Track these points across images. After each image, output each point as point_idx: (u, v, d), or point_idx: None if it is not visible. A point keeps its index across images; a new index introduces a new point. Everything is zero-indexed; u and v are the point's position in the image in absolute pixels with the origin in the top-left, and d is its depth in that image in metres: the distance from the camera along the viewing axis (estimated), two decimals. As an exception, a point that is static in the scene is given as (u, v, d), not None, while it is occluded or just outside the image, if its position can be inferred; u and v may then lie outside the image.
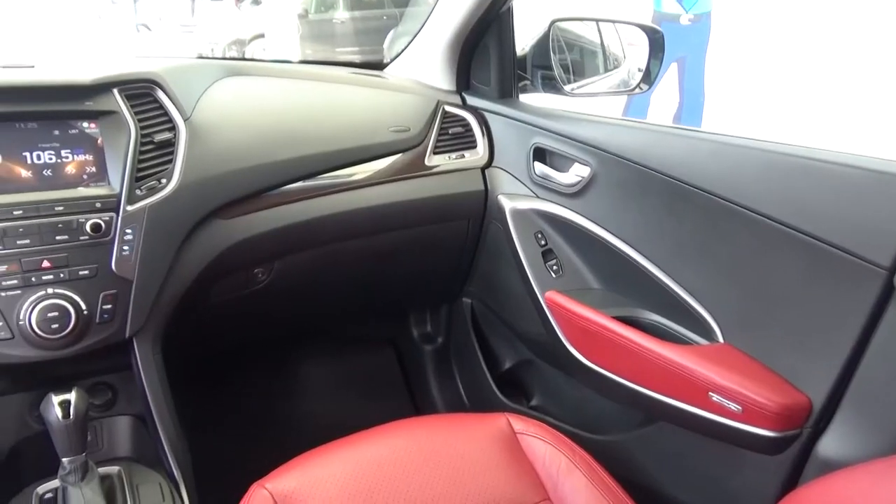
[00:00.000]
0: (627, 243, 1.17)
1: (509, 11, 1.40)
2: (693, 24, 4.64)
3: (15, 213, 0.94)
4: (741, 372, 0.95)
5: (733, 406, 0.94)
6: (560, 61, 1.47)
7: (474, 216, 1.46)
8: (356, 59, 8.07)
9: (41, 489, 0.95)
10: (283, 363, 1.79)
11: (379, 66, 1.68)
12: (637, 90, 1.53)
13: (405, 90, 1.47)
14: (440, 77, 1.50)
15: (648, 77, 1.48)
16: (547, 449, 1.04)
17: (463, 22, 1.38)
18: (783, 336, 0.95)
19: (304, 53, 7.81)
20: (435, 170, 1.39)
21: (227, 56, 9.18)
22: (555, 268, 1.32)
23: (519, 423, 1.08)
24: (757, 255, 0.97)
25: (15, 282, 0.93)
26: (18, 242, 0.94)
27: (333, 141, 1.27)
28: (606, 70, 1.68)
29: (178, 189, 1.05)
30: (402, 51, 1.59)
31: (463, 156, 1.43)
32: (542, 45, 1.42)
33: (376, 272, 1.49)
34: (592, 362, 1.19)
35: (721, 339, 1.03)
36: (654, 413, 1.15)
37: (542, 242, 1.33)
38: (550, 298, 1.26)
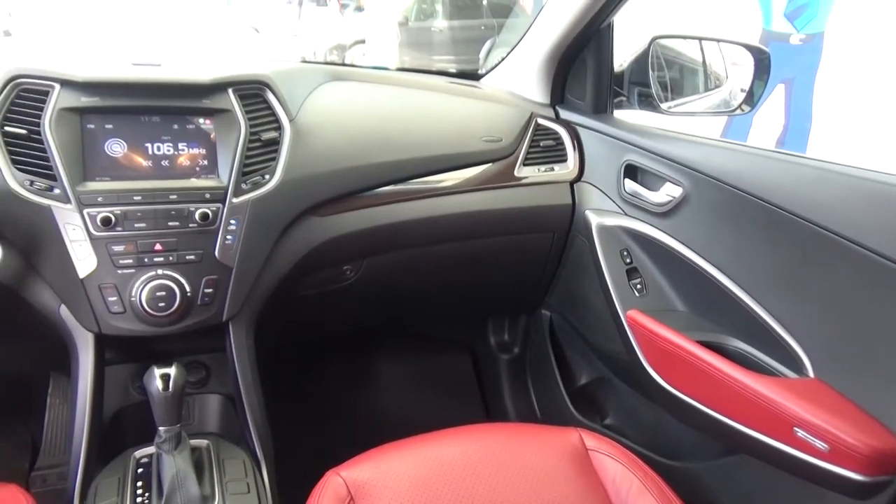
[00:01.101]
0: (717, 267, 1.14)
1: (610, 27, 1.40)
2: (804, 44, 4.42)
3: (135, 198, 1.03)
4: (831, 409, 0.91)
5: (820, 444, 0.90)
6: (658, 78, 1.46)
7: (560, 229, 1.46)
8: (452, 67, 8.19)
9: (138, 454, 1.03)
10: (362, 357, 1.85)
11: (474, 76, 1.71)
12: (738, 111, 1.48)
13: (499, 101, 1.49)
14: (535, 89, 1.52)
15: (751, 98, 1.43)
16: (618, 468, 1.03)
17: (562, 36, 1.39)
18: (880, 376, 0.90)
19: (401, 60, 7.99)
20: (524, 181, 1.40)
21: (329, 60, 9.53)
22: (639, 287, 1.30)
23: (591, 440, 1.07)
24: (857, 290, 0.93)
25: (130, 261, 1.02)
26: (136, 226, 1.02)
27: (427, 147, 1.31)
28: (707, 89, 1.64)
29: (279, 185, 1.11)
30: (499, 62, 1.61)
31: (552, 169, 1.43)
32: (641, 62, 1.41)
33: (459, 277, 1.51)
34: (672, 385, 1.17)
35: (811, 374, 0.99)
36: (733, 443, 1.11)
37: (628, 260, 1.32)
38: (632, 317, 1.24)
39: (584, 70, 1.45)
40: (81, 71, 1.02)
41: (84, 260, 1.00)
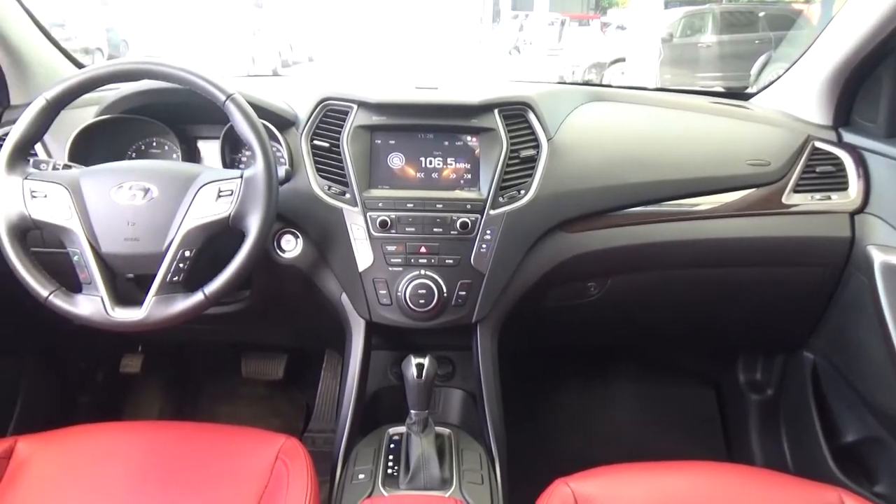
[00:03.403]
0: None
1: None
2: None
3: (408, 205, 1.16)
4: None
5: None
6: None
7: (832, 264, 1.31)
8: (719, 85, 7.71)
9: (391, 431, 1.16)
10: (599, 376, 1.84)
11: (743, 95, 1.61)
12: None
13: (769, 122, 1.39)
14: (814, 110, 1.38)
15: None
16: None
17: (855, 49, 1.25)
18: None
19: (662, 78, 7.74)
20: (793, 209, 1.29)
21: (587, 78, 9.59)
22: None
23: None
24: None
25: (399, 260, 1.16)
26: (406, 229, 1.16)
27: (684, 169, 1.27)
28: None
29: (533, 200, 1.17)
30: (775, 80, 1.50)
31: (829, 197, 1.29)
32: None
33: (710, 306, 1.44)
34: None
35: None
36: None
37: None
38: None
39: (879, 88, 1.28)
40: (374, 94, 1.19)
41: (363, 256, 1.15)
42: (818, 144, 1.33)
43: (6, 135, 1.01)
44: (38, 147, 1.19)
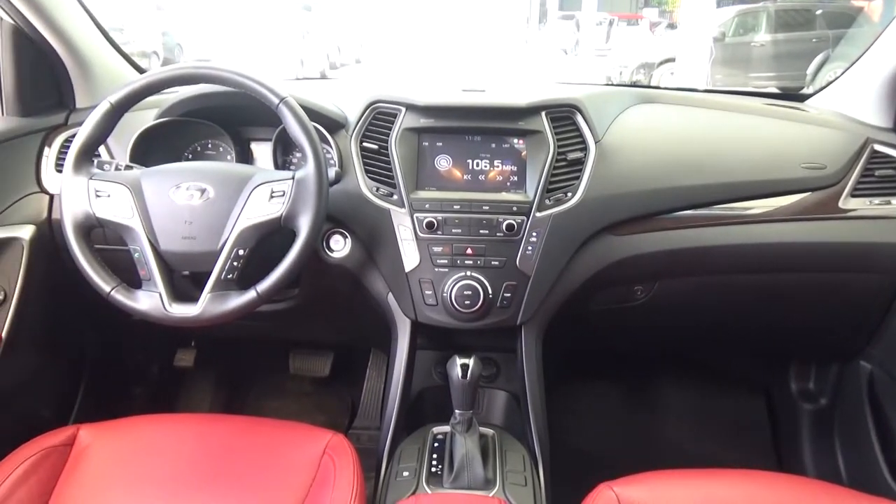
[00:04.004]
0: None
1: None
2: None
3: (454, 207, 1.17)
4: None
5: None
6: None
7: (892, 271, 1.27)
8: (772, 85, 7.50)
9: (436, 430, 1.17)
10: (644, 380, 1.82)
11: (798, 96, 1.57)
12: None
13: (826, 124, 1.35)
14: (874, 111, 1.34)
15: None
16: None
17: None
18: None
19: (713, 78, 7.58)
20: (850, 214, 1.25)
21: (635, 79, 9.45)
22: None
23: None
24: None
25: (445, 261, 1.17)
26: (453, 231, 1.17)
27: (735, 172, 1.25)
28: None
29: (580, 203, 1.17)
30: (833, 80, 1.46)
31: (889, 202, 1.25)
32: None
33: (762, 312, 1.40)
34: None
35: None
36: None
37: None
38: None
39: None
40: (423, 97, 1.20)
41: (410, 257, 1.17)
42: (878, 147, 1.28)
43: (73, 137, 1.06)
44: (101, 148, 1.25)
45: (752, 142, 1.32)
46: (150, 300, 1.01)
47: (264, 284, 1.01)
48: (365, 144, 1.21)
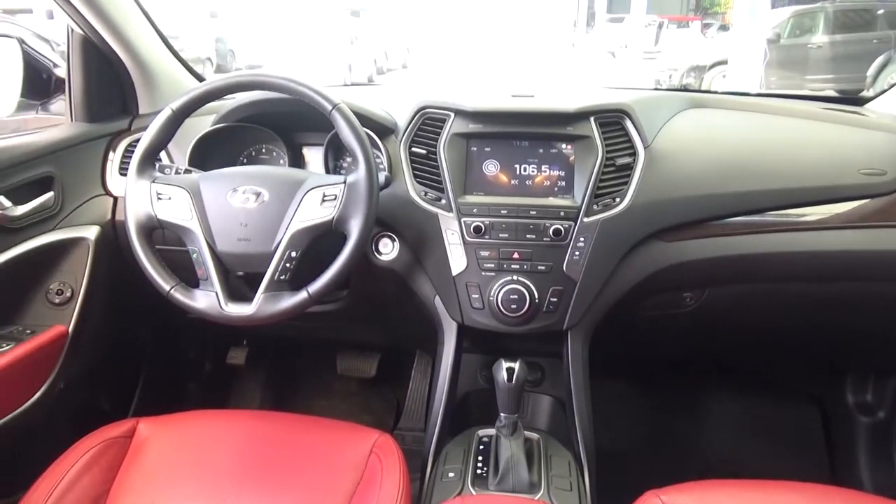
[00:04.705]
0: None
1: None
2: None
3: (502, 211, 1.18)
4: None
5: None
6: None
7: None
8: (830, 88, 7.27)
9: (481, 433, 1.17)
10: (693, 388, 1.79)
11: (858, 100, 1.53)
12: None
13: (887, 129, 1.31)
14: None
15: None
16: None
17: None
18: None
19: (768, 81, 7.37)
20: None
21: (685, 83, 9.28)
22: None
23: None
24: None
25: (492, 265, 1.18)
26: (500, 235, 1.18)
27: (789, 178, 1.22)
28: None
29: (628, 208, 1.16)
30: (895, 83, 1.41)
31: None
32: None
33: (818, 322, 1.37)
34: None
35: None
36: None
37: None
38: None
39: None
40: (471, 102, 1.21)
41: (457, 260, 1.18)
42: None
43: (137, 142, 1.11)
44: (162, 152, 1.30)
45: (807, 147, 1.29)
46: (207, 299, 1.04)
47: (316, 285, 1.04)
48: (414, 149, 1.23)
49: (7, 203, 1.19)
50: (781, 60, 8.04)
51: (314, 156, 1.36)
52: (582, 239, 1.16)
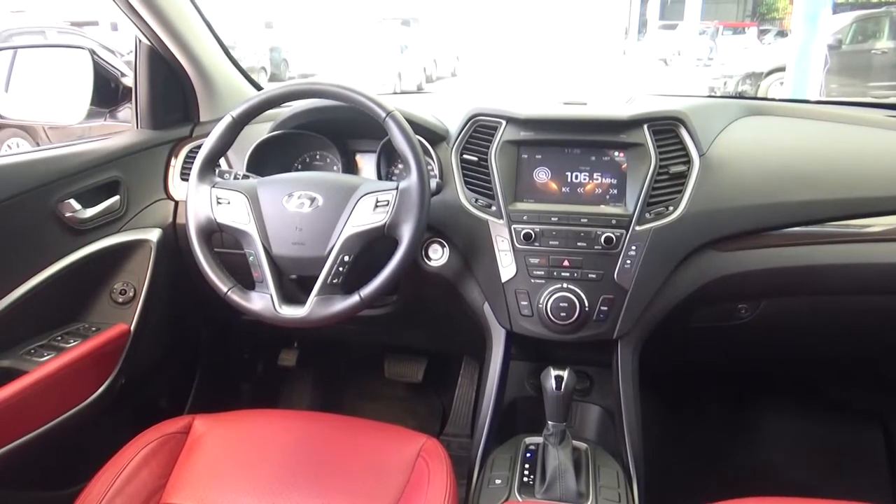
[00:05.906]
0: None
1: None
2: None
3: (552, 219, 1.18)
4: None
5: None
6: None
7: None
8: (895, 95, 6.98)
9: (528, 440, 1.17)
10: (747, 403, 1.74)
11: (928, 107, 1.46)
12: None
13: None
14: None
15: None
16: None
17: None
18: None
19: (828, 88, 7.13)
20: None
21: (741, 90, 9.06)
22: None
23: None
24: None
25: (542, 272, 1.17)
26: (550, 243, 1.17)
27: (852, 188, 1.18)
28: None
29: (682, 217, 1.14)
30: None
31: None
32: None
33: (879, 337, 1.32)
34: None
35: None
36: None
37: None
38: None
39: None
40: (523, 110, 1.21)
41: (507, 267, 1.18)
42: None
43: (198, 148, 1.15)
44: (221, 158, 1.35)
45: (871, 155, 1.25)
46: (262, 301, 1.07)
47: (367, 290, 1.05)
48: (465, 156, 1.24)
49: (77, 206, 1.25)
50: (843, 67, 7.76)
51: (367, 162, 1.38)
52: (634, 247, 1.15)
